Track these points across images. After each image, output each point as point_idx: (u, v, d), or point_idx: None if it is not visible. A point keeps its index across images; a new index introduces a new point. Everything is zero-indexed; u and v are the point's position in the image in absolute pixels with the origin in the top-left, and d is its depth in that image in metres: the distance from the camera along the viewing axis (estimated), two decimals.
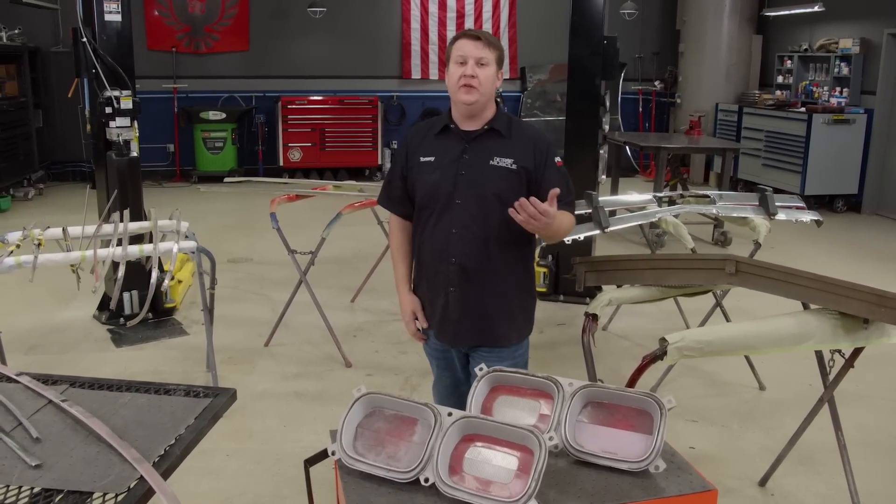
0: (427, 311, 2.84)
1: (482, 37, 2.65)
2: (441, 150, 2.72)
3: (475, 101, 2.62)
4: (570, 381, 2.02)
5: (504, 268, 2.72)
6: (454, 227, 2.66)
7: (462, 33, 2.68)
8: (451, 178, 2.67)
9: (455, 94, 2.65)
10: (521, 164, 2.64)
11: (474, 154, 2.67)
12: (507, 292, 2.76)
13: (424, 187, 2.72)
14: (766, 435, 4.15)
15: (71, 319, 5.77)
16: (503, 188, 2.63)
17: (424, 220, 2.74)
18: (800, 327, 2.58)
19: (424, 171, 2.72)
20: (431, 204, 2.70)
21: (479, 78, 2.59)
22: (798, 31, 11.24)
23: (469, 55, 2.60)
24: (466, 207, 2.66)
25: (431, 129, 2.78)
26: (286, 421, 4.24)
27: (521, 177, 2.65)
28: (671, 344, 2.44)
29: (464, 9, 12.44)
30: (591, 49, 6.00)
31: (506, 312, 2.78)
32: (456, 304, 2.72)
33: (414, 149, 2.78)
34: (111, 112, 5.21)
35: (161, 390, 2.14)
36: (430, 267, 2.76)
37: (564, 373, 4.83)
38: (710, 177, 11.78)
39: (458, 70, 2.62)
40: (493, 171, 2.64)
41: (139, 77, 11.42)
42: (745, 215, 4.58)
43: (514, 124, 2.74)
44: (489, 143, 2.67)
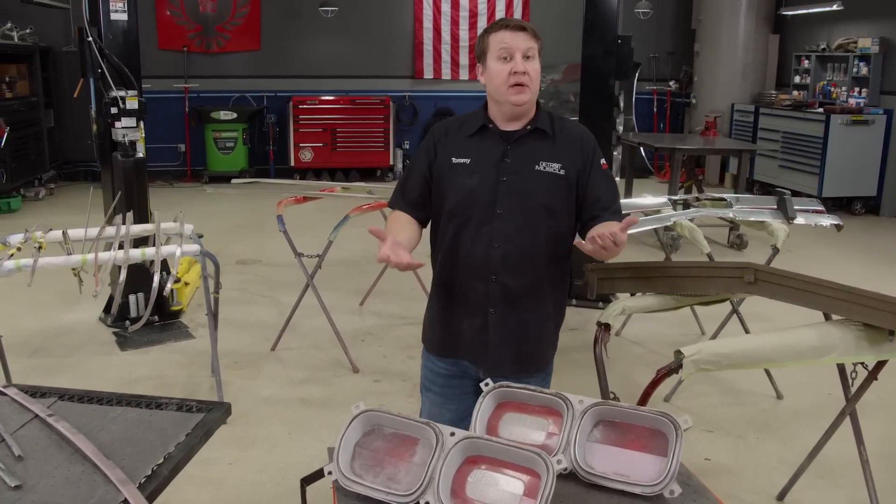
0: (448, 329, 2.51)
1: (527, 27, 2.34)
2: (477, 151, 2.40)
3: (527, 101, 2.34)
4: (580, 399, 1.91)
5: (549, 287, 2.46)
6: (495, 241, 2.35)
7: (501, 23, 2.36)
8: (491, 185, 2.36)
9: (503, 95, 2.34)
10: (568, 168, 2.37)
11: (517, 158, 2.37)
12: (549, 314, 2.50)
13: (459, 192, 2.38)
14: (783, 446, 4.02)
15: (76, 322, 5.70)
16: (551, 197, 2.36)
17: (456, 230, 2.41)
18: (822, 339, 2.47)
19: (459, 173, 2.39)
20: (467, 212, 2.38)
21: (529, 74, 2.30)
22: (816, 30, 11.07)
23: (515, 48, 2.29)
24: (510, 218, 2.35)
25: (463, 128, 2.46)
26: (291, 428, 4.15)
27: (569, 183, 2.37)
28: (687, 357, 2.33)
29: (477, 8, 12.33)
30: (604, 48, 5.89)
31: (548, 337, 2.53)
32: (497, 327, 2.42)
33: (444, 147, 2.45)
34: (117, 112, 5.13)
35: (153, 404, 2.06)
36: (462, 284, 2.44)
37: (577, 380, 4.73)
38: (725, 178, 11.63)
39: (503, 67, 2.31)
40: (539, 178, 2.36)
41: (150, 77, 11.45)
42: (763, 219, 4.46)
43: (556, 122, 2.45)
44: (533, 145, 2.39)
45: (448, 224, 2.43)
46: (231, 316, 5.78)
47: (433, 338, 2.58)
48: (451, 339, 2.51)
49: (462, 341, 2.48)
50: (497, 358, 2.42)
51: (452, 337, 2.50)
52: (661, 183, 11.28)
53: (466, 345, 2.47)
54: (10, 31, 10.06)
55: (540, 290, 2.44)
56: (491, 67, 2.34)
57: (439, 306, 2.54)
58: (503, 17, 2.92)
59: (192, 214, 8.90)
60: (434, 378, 2.58)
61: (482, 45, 2.38)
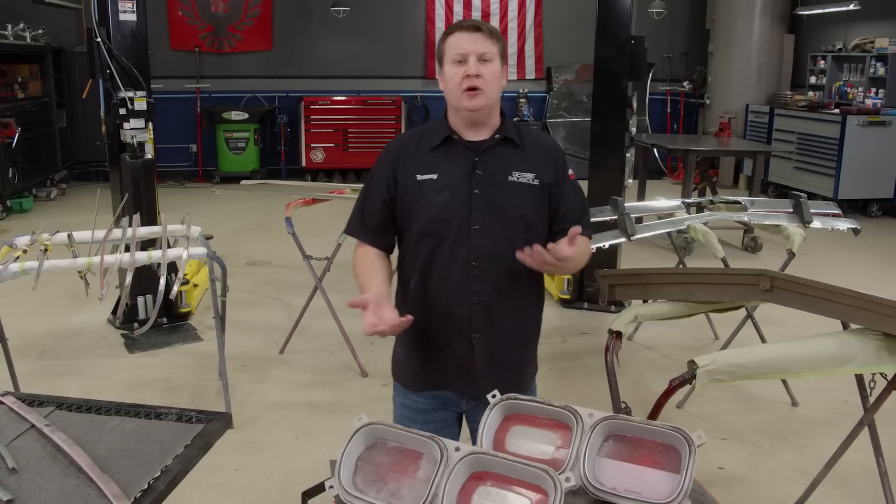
0: (429, 362, 2.33)
1: (482, 27, 2.20)
2: (444, 165, 2.24)
3: (482, 107, 2.19)
4: (590, 412, 1.85)
5: (530, 304, 2.36)
6: (474, 260, 2.21)
7: (456, 25, 2.23)
8: (463, 200, 2.20)
9: (457, 100, 2.20)
10: (543, 178, 2.26)
11: (488, 169, 2.23)
12: (530, 333, 2.39)
13: (430, 211, 2.22)
14: (799, 455, 3.94)
15: (85, 323, 5.68)
16: (527, 208, 2.24)
17: (429, 251, 2.24)
18: (840, 349, 2.39)
19: (427, 191, 2.22)
20: (440, 231, 2.22)
21: (484, 77, 2.16)
22: (832, 30, 10.95)
23: (469, 51, 2.16)
24: (487, 234, 2.21)
25: (424, 141, 2.29)
26: (298, 433, 4.11)
27: (544, 193, 2.25)
28: (701, 367, 2.26)
29: (489, 8, 12.27)
30: (617, 49, 5.82)
31: (530, 354, 2.42)
32: (483, 352, 2.27)
33: (405, 165, 2.27)
34: (125, 113, 5.11)
35: (152, 414, 2.01)
36: (440, 310, 2.26)
37: (588, 385, 4.67)
38: (739, 179, 11.52)
39: (457, 70, 2.18)
40: (513, 189, 2.23)
41: (162, 77, 11.50)
42: (779, 223, 4.39)
43: (523, 131, 2.33)
44: (503, 154, 2.25)
45: (420, 246, 2.26)
46: (240, 318, 5.75)
47: (410, 373, 2.40)
48: (432, 371, 2.34)
49: (445, 372, 2.32)
50: (485, 386, 2.11)
51: (434, 369, 2.33)
52: (675, 184, 11.18)
53: (450, 375, 2.32)
54: (22, 32, 10.09)
55: (522, 309, 2.33)
56: (446, 72, 2.22)
57: (416, 337, 2.31)
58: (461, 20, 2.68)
59: (203, 215, 8.95)
60: (413, 416, 2.39)
61: (440, 49, 2.26)
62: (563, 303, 6.15)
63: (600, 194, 5.80)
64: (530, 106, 12.43)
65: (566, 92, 12.52)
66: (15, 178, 9.38)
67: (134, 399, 4.44)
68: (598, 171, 6.14)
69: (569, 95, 12.50)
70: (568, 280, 6.10)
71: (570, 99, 12.49)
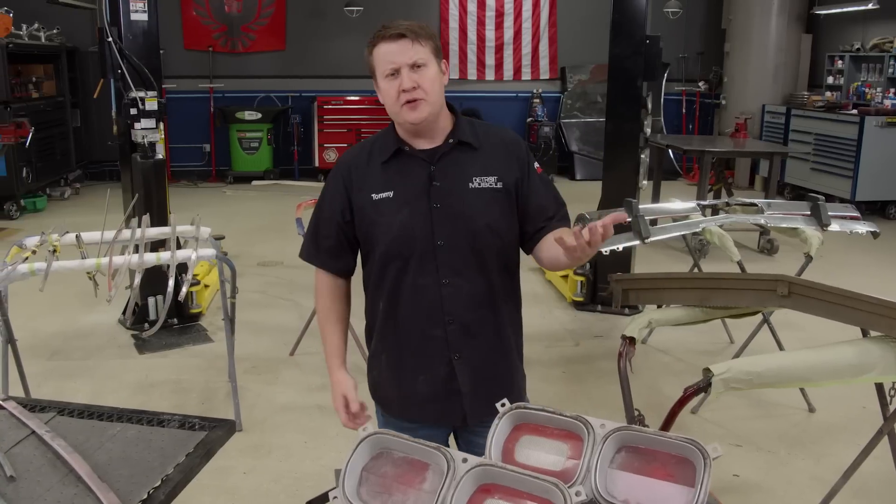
0: (407, 389, 2.21)
1: (407, 32, 2.04)
2: (398, 180, 2.10)
3: (426, 117, 2.05)
4: (601, 423, 1.80)
5: (506, 311, 2.20)
6: (444, 278, 2.09)
7: (378, 36, 2.07)
8: (424, 215, 2.07)
9: (398, 115, 2.07)
10: (506, 178, 2.11)
11: (446, 178, 2.09)
12: (511, 344, 2.25)
13: (390, 231, 2.09)
14: (816, 463, 3.87)
15: (96, 324, 5.67)
16: (493, 215, 2.10)
17: (394, 274, 2.12)
18: (860, 357, 2.33)
19: (384, 211, 2.09)
20: (404, 251, 2.09)
21: (421, 87, 2.02)
22: (850, 29, 10.83)
23: (399, 62, 2.02)
24: (454, 248, 2.08)
25: (374, 156, 2.15)
26: (308, 436, 4.07)
27: (509, 195, 2.12)
28: (716, 375, 2.20)
29: (503, 7, 12.22)
30: (632, 49, 5.75)
31: (515, 365, 2.29)
32: (465, 373, 2.15)
33: (358, 183, 2.13)
34: (136, 113, 5.09)
35: (154, 421, 1.97)
36: (414, 334, 2.15)
37: (601, 390, 4.60)
38: (755, 181, 11.40)
39: (391, 85, 2.03)
40: (476, 196, 2.09)
41: (175, 77, 11.51)
42: (796, 226, 4.31)
43: (478, 130, 2.17)
44: (460, 160, 2.11)
45: (385, 269, 2.14)
46: (251, 319, 5.72)
47: (390, 399, 2.28)
48: (413, 399, 2.20)
49: (427, 399, 2.19)
50: (473, 408, 2.14)
51: (415, 396, 2.20)
52: (690, 185, 11.09)
53: (433, 402, 2.18)
54: (36, 32, 10.12)
55: (500, 320, 2.19)
56: (381, 87, 2.07)
57: (390, 364, 2.22)
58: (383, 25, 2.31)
59: (216, 215, 8.96)
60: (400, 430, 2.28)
61: (368, 62, 2.11)
62: (577, 305, 6.09)
63: (614, 195, 5.74)
64: (544, 106, 12.35)
65: (580, 92, 12.44)
66: (29, 177, 9.41)
67: (143, 401, 4.44)
68: (613, 172, 6.07)
69: (583, 95, 12.43)
70: (581, 283, 6.03)
71: (584, 99, 12.42)
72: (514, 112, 12.41)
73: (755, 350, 4.72)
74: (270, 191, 9.05)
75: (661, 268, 6.99)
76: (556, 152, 12.09)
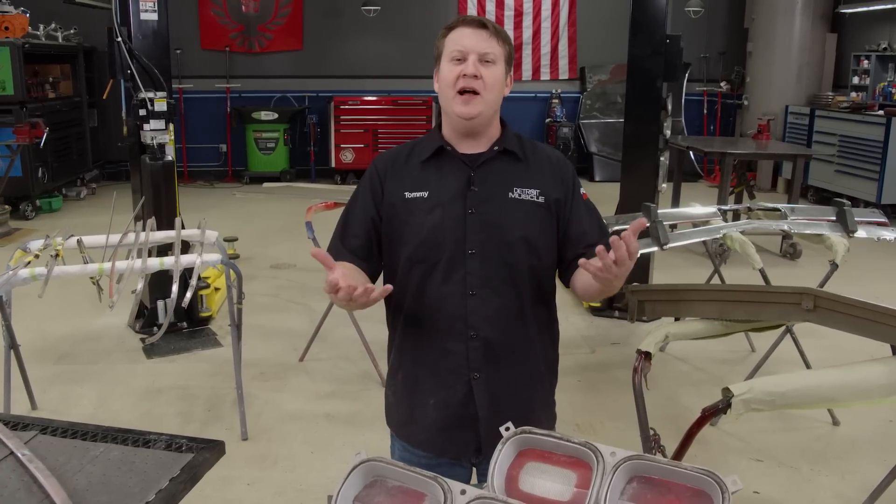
0: (421, 408, 2.06)
1: (488, 25, 1.95)
2: (435, 181, 1.99)
3: (478, 114, 1.94)
4: (612, 451, 1.67)
5: (537, 335, 2.06)
6: (471, 288, 1.95)
7: (459, 20, 1.98)
8: (457, 219, 1.95)
9: (449, 104, 1.96)
10: (549, 194, 2.00)
11: (486, 184, 1.98)
12: (541, 372, 2.10)
13: (419, 233, 1.97)
14: (840, 480, 3.71)
15: (106, 327, 5.60)
16: (531, 228, 1.98)
17: (420, 279, 1.99)
18: (891, 376, 2.19)
19: (416, 210, 1.97)
20: (432, 256, 1.97)
21: (483, 80, 1.92)
22: (876, 28, 10.60)
23: (470, 49, 1.91)
24: (485, 259, 1.96)
25: (415, 154, 2.04)
26: (314, 447, 3.97)
27: (550, 212, 2.00)
28: (736, 396, 2.07)
29: (522, 7, 12.09)
30: (652, 49, 5.60)
31: (543, 397, 2.13)
32: (483, 395, 2.00)
33: (392, 181, 2.02)
34: (145, 114, 5.01)
35: (140, 441, 1.87)
36: (434, 346, 2.01)
37: (617, 402, 4.47)
38: (778, 183, 11.20)
39: (453, 69, 1.92)
40: (514, 207, 1.97)
41: (192, 76, 11.47)
42: (821, 232, 4.16)
43: (527, 144, 2.07)
44: (503, 169, 2.00)
45: (409, 273, 2.00)
46: (261, 323, 5.64)
47: (402, 421, 2.14)
48: (422, 422, 2.07)
49: (437, 426, 2.05)
50: (488, 435, 1.91)
51: (425, 420, 2.06)
52: (711, 187, 10.90)
53: (444, 430, 2.04)
54: (54, 32, 10.10)
55: (528, 343, 2.05)
56: (442, 69, 1.96)
57: (406, 380, 2.09)
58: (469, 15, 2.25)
59: (230, 217, 8.91)
60: (415, 460, 2.08)
61: (440, 48, 1.99)
62: (593, 311, 5.95)
63: (633, 198, 5.60)
64: (563, 107, 12.21)
65: (600, 92, 12.28)
66: (44, 177, 9.39)
67: (148, 408, 4.36)
68: (631, 175, 5.93)
69: (603, 96, 12.27)
70: None
71: (603, 99, 12.25)
72: (533, 112, 12.27)
73: (778, 359, 4.58)
74: (287, 192, 8.96)
75: (681, 272, 6.84)
76: (574, 153, 11.93)
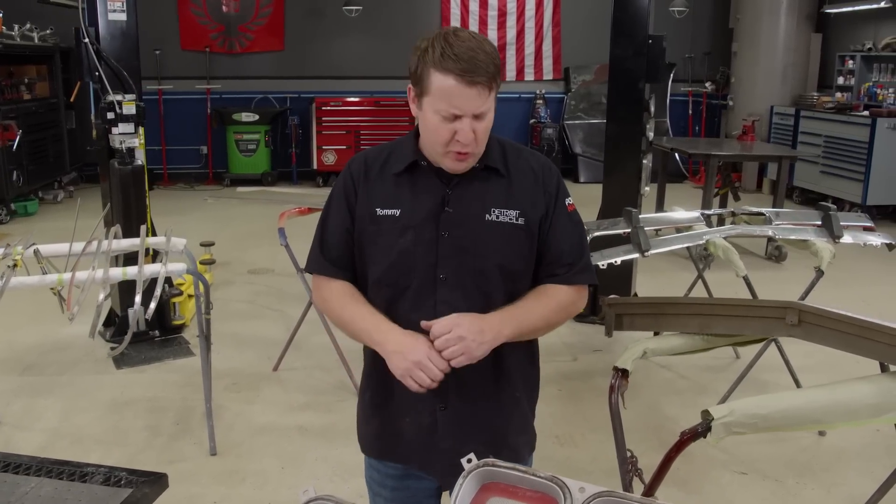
0: (386, 430, 1.98)
1: (483, 74, 1.72)
2: (409, 198, 1.85)
3: (468, 167, 1.84)
4: (580, 486, 1.55)
5: (514, 365, 1.94)
6: (440, 316, 1.80)
7: (450, 63, 1.70)
8: (429, 243, 1.83)
9: (439, 157, 1.81)
10: (528, 215, 1.86)
11: (461, 205, 1.84)
12: (517, 399, 1.98)
13: (388, 256, 1.85)
14: (827, 494, 3.61)
15: (75, 336, 5.43)
16: (508, 255, 1.85)
17: (387, 303, 1.87)
18: (879, 396, 2.08)
19: (385, 231, 1.85)
20: (401, 281, 1.85)
21: (477, 136, 1.77)
22: (861, 28, 10.55)
23: (465, 111, 1.74)
24: (457, 286, 1.83)
25: (390, 164, 1.89)
26: (285, 462, 3.84)
27: (529, 234, 1.86)
28: (716, 419, 1.96)
29: (506, 7, 11.97)
30: (634, 49, 5.50)
31: (520, 424, 2.02)
32: (448, 427, 1.90)
33: (364, 191, 1.88)
34: (114, 118, 4.86)
35: (76, 475, 1.74)
36: None
37: (598, 410, 4.34)
38: (763, 184, 11.13)
39: (444, 126, 1.75)
40: (491, 231, 1.83)
41: (172, 77, 11.30)
42: (806, 238, 4.06)
43: (509, 154, 1.91)
44: (481, 187, 1.86)
45: (377, 296, 1.89)
46: (236, 331, 5.51)
47: (370, 437, 2.05)
48: (391, 440, 1.98)
49: (405, 444, 1.95)
50: (452, 465, 1.69)
51: (393, 438, 1.97)
52: (696, 188, 10.83)
53: (411, 449, 1.95)
54: (29, 32, 9.91)
55: (502, 372, 1.91)
56: (429, 119, 1.78)
57: (373, 402, 2.00)
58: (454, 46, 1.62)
59: (209, 219, 8.76)
60: (382, 480, 2.05)
61: (422, 78, 1.76)
62: (576, 317, 5.83)
63: (615, 201, 5.50)
64: (547, 107, 12.11)
65: (584, 93, 12.19)
66: (19, 180, 9.20)
67: (115, 421, 4.22)
68: (614, 177, 5.82)
69: (587, 96, 12.17)
70: None
71: (588, 100, 12.16)
72: (517, 113, 12.16)
73: (764, 366, 4.48)
74: (262, 196, 8.82)
75: (666, 276, 6.74)
76: (559, 154, 11.84)
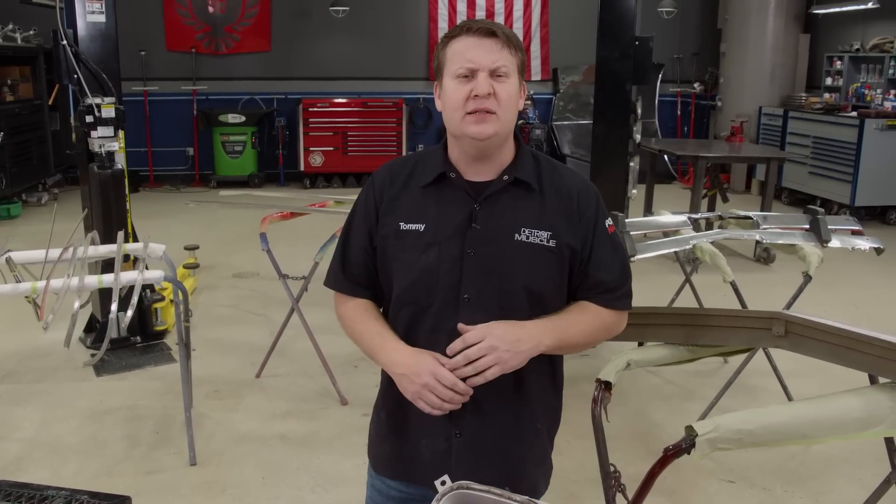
0: (400, 451, 1.88)
1: (498, 32, 1.68)
2: (434, 213, 1.75)
3: (493, 134, 1.69)
4: None
5: (537, 394, 1.84)
6: None
7: (463, 27, 1.70)
8: (453, 261, 1.73)
9: (458, 126, 1.71)
10: (560, 238, 1.74)
11: (489, 222, 1.73)
12: (537, 429, 1.87)
13: (410, 273, 1.75)
14: (815, 502, 3.56)
15: (55, 342, 5.31)
16: (536, 277, 1.75)
17: (408, 322, 1.78)
18: (867, 409, 2.03)
19: (409, 246, 1.75)
20: (423, 299, 1.75)
21: (497, 96, 1.67)
22: (849, 29, 10.55)
23: (479, 63, 1.66)
24: (480, 307, 1.72)
25: (416, 175, 1.80)
26: (266, 471, 3.76)
27: (561, 258, 1.75)
28: (701, 435, 1.91)
29: (493, 7, 11.91)
30: (620, 51, 5.46)
31: (538, 455, 1.91)
32: (464, 454, 1.80)
33: (388, 205, 1.79)
34: (92, 121, 4.78)
35: (36, 498, 1.67)
36: None
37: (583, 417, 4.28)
38: (752, 184, 11.12)
39: (460, 88, 1.67)
40: (519, 251, 1.73)
41: (158, 79, 11.21)
42: (794, 242, 4.02)
43: (544, 169, 1.80)
44: (511, 203, 1.75)
45: (398, 314, 1.80)
46: (219, 336, 5.45)
47: (381, 455, 1.95)
48: (405, 461, 1.87)
49: (418, 466, 1.84)
50: None
51: (407, 459, 1.87)
52: (685, 189, 10.80)
53: (424, 471, 1.81)
54: (12, 33, 9.80)
55: (524, 401, 1.82)
56: (446, 87, 1.71)
57: (388, 421, 1.89)
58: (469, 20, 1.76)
59: (194, 221, 8.67)
60: (385, 501, 1.96)
61: (439, 56, 1.73)
62: None
63: None
64: (536, 108, 12.08)
65: (573, 93, 12.15)
66: (2, 183, 9.10)
67: (94, 430, 4.14)
68: (601, 180, 5.75)
69: (576, 97, 12.13)
70: None
71: (576, 101, 12.12)
72: None
73: (752, 371, 4.43)
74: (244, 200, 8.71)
75: (653, 278, 6.69)
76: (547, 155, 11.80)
